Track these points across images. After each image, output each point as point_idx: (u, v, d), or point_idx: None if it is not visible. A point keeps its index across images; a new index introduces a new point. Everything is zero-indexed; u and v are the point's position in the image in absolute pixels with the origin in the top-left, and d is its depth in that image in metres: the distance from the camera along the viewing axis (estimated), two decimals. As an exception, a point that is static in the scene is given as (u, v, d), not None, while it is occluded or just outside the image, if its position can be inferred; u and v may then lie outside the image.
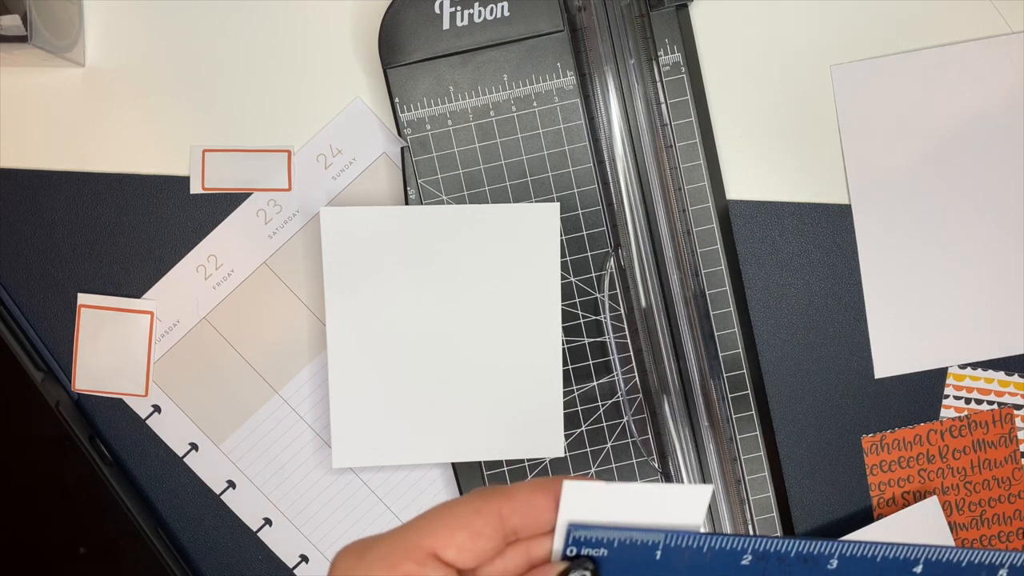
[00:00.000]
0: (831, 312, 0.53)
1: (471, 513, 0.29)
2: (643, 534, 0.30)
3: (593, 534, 0.30)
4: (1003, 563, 0.30)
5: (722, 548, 0.30)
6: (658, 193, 0.51)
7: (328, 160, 0.52)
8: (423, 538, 0.29)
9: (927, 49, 0.52)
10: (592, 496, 0.30)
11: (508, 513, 0.30)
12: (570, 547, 0.30)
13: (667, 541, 0.30)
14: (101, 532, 0.52)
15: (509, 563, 0.31)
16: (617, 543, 0.30)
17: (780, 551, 0.30)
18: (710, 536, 0.30)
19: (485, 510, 0.29)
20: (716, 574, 0.30)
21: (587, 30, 0.50)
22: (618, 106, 0.51)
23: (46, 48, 0.48)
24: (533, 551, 0.31)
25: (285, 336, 0.53)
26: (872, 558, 0.30)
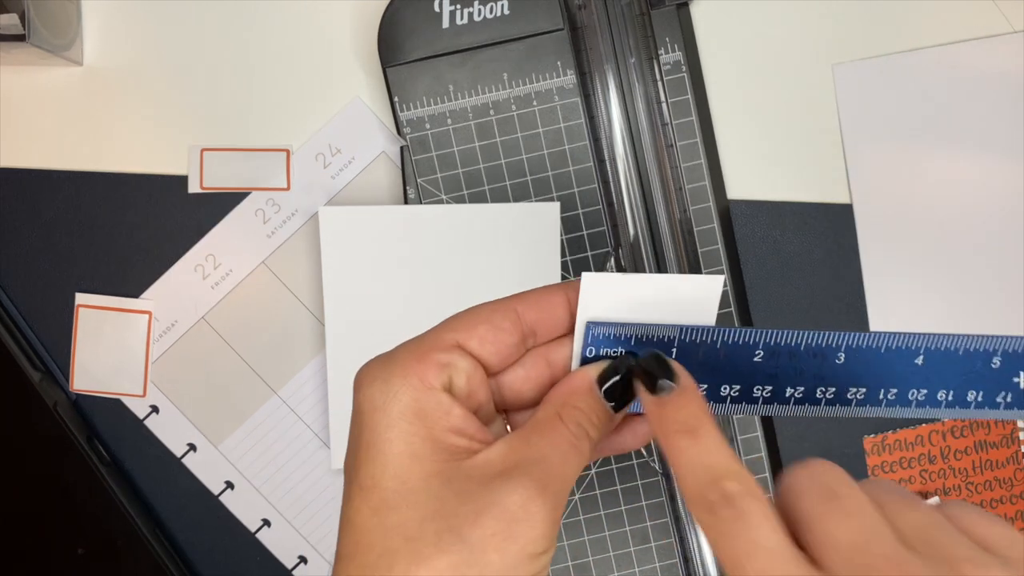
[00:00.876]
0: (832, 312, 0.52)
1: (489, 310, 0.30)
2: (659, 329, 0.30)
3: (611, 330, 0.30)
4: (996, 349, 0.31)
5: (735, 342, 0.30)
6: (659, 192, 0.51)
7: (327, 159, 0.52)
8: (446, 333, 0.30)
9: (929, 48, 0.52)
10: (609, 287, 0.30)
11: (523, 309, 0.31)
12: (589, 347, 0.31)
13: (682, 336, 0.30)
14: (99, 533, 0.51)
15: (531, 370, 0.31)
16: (634, 340, 0.31)
17: (791, 344, 0.30)
18: (723, 330, 0.30)
19: (502, 307, 0.30)
20: (729, 370, 0.31)
21: (587, 28, 0.50)
22: (618, 105, 0.50)
23: (44, 47, 0.48)
24: (552, 357, 0.31)
25: (284, 336, 0.52)
26: (876, 349, 0.31)
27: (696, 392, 0.29)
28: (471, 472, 0.28)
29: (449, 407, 0.29)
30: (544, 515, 0.27)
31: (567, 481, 0.28)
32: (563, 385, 0.30)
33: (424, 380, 0.29)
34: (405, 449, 0.28)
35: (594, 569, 0.52)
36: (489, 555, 0.26)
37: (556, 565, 0.52)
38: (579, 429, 0.29)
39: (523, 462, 0.28)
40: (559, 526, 0.28)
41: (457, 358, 0.29)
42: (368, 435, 0.28)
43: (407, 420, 0.28)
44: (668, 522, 0.52)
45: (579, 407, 0.30)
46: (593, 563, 0.52)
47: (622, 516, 0.52)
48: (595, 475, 0.52)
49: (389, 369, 0.29)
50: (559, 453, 0.28)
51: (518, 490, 0.27)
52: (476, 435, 0.29)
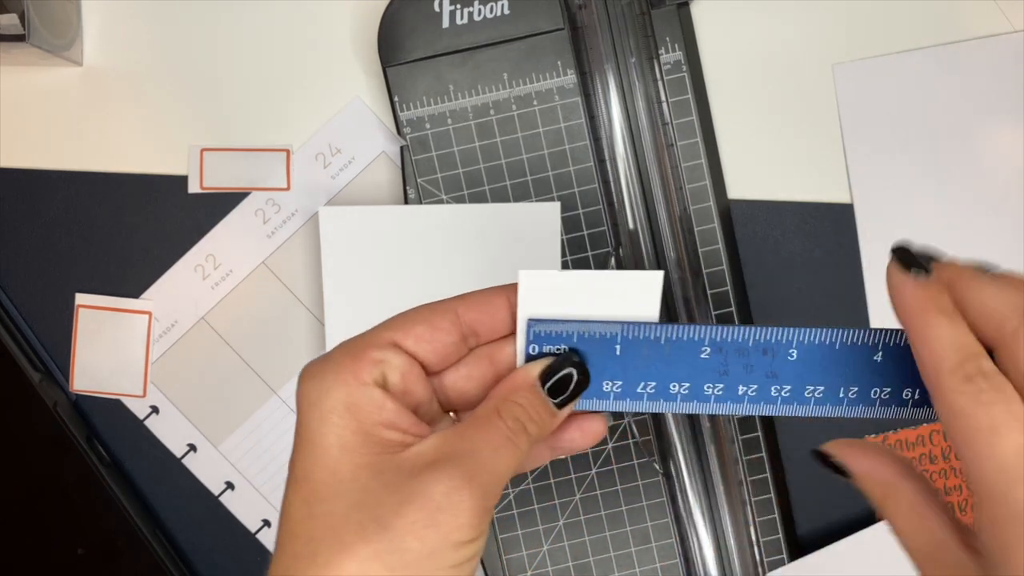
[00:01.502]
0: (833, 312, 0.52)
1: (428, 311, 0.31)
2: (601, 327, 0.30)
3: (553, 328, 0.31)
4: None
5: (679, 339, 0.30)
6: (659, 192, 0.51)
7: (327, 159, 0.52)
8: (383, 332, 0.31)
9: (930, 48, 0.52)
10: (548, 283, 0.30)
11: (463, 310, 0.31)
12: (532, 344, 0.31)
13: (625, 333, 0.30)
14: (99, 533, 0.51)
15: (473, 369, 0.32)
16: (576, 337, 0.31)
17: (738, 341, 0.30)
18: (666, 326, 0.30)
19: (441, 307, 0.31)
20: (676, 367, 0.30)
21: (587, 28, 0.50)
22: (619, 104, 0.50)
23: (44, 47, 0.48)
24: (496, 356, 0.32)
25: (284, 336, 0.52)
26: (831, 345, 0.30)
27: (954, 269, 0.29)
28: (401, 464, 0.28)
29: (381, 402, 0.29)
30: (469, 504, 0.27)
31: (498, 474, 0.29)
32: (505, 383, 0.31)
33: (357, 376, 0.29)
34: (335, 442, 0.29)
35: (595, 569, 0.52)
36: (408, 542, 0.27)
37: (557, 565, 0.52)
38: (516, 424, 0.30)
39: (453, 454, 0.28)
40: (489, 517, 0.29)
41: (391, 355, 0.30)
42: (303, 430, 0.29)
43: (338, 414, 0.29)
44: (669, 522, 0.52)
45: (519, 403, 0.30)
46: (594, 563, 0.52)
47: (623, 516, 0.52)
48: (595, 475, 0.52)
49: (324, 367, 0.30)
50: (491, 446, 0.29)
51: (443, 480, 0.28)
52: (410, 429, 0.29)
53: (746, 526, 0.51)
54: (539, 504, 0.51)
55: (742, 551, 0.51)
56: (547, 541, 0.52)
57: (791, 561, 0.51)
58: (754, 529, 0.51)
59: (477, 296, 0.32)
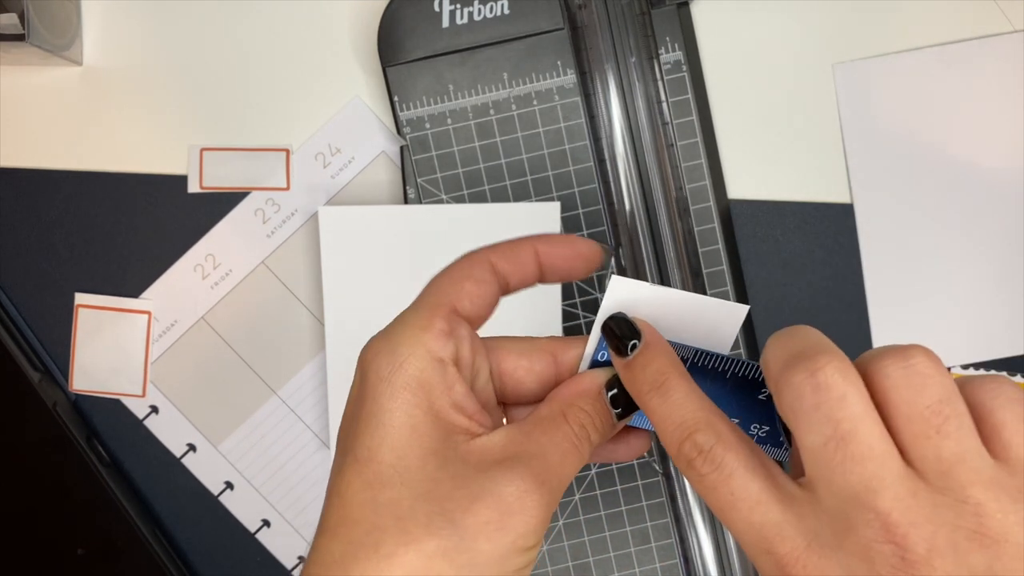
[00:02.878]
0: (833, 312, 0.52)
1: (467, 265, 0.30)
2: (675, 347, 0.30)
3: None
4: None
5: (744, 376, 0.30)
6: (659, 192, 0.51)
7: (327, 159, 0.52)
8: (440, 296, 0.30)
9: (929, 48, 0.52)
10: (635, 294, 0.30)
11: (496, 259, 0.31)
12: (601, 351, 0.30)
13: (695, 359, 0.30)
14: (99, 533, 0.51)
15: (535, 363, 0.31)
16: None
17: None
18: (736, 361, 0.30)
19: (477, 259, 0.31)
20: (732, 402, 0.30)
21: (587, 28, 0.50)
22: (619, 104, 0.50)
23: (44, 47, 0.48)
24: (559, 355, 0.31)
25: (283, 336, 0.52)
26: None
27: (661, 345, 0.29)
28: (468, 456, 0.27)
29: (453, 381, 0.28)
30: (538, 510, 0.27)
31: (564, 479, 0.28)
32: (571, 385, 0.30)
33: (431, 351, 0.28)
34: (407, 421, 0.27)
35: (594, 569, 0.52)
36: (480, 543, 0.26)
37: (557, 565, 0.52)
38: (582, 431, 0.29)
39: (523, 454, 0.28)
40: (549, 524, 0.28)
41: (457, 324, 0.29)
42: (370, 405, 0.28)
43: (411, 391, 0.28)
44: (668, 522, 0.52)
45: (585, 409, 0.29)
46: (593, 563, 0.52)
47: (622, 516, 0.52)
48: (595, 475, 0.51)
49: (395, 340, 0.29)
50: (560, 451, 0.28)
51: (515, 481, 0.27)
52: (476, 416, 0.29)
53: (746, 526, 0.51)
54: (539, 504, 0.51)
55: (742, 551, 0.51)
56: (547, 541, 0.52)
57: (791, 561, 0.51)
58: (754, 529, 0.51)
59: (508, 246, 0.31)
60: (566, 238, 0.31)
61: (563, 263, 0.31)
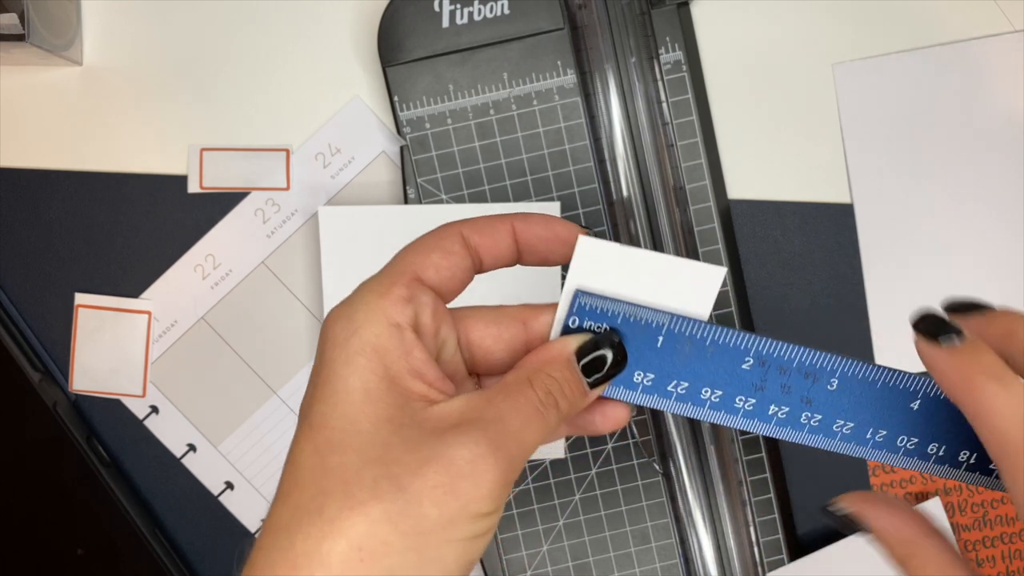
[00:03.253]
0: (833, 312, 0.52)
1: (437, 236, 0.30)
2: (650, 314, 0.29)
3: (600, 304, 0.29)
4: None
5: (725, 343, 0.29)
6: (659, 192, 0.51)
7: (327, 159, 0.52)
8: (403, 264, 0.29)
9: (930, 47, 0.52)
10: (605, 255, 0.29)
11: (468, 233, 0.30)
12: (573, 316, 0.29)
13: (671, 326, 0.29)
14: (99, 533, 0.51)
15: (504, 331, 0.31)
16: (621, 318, 0.29)
17: (783, 359, 0.29)
18: (716, 328, 0.29)
19: (448, 231, 0.30)
20: (713, 372, 0.29)
21: (587, 28, 0.50)
22: (619, 104, 0.50)
23: (43, 47, 0.48)
24: (530, 322, 0.31)
25: (283, 336, 0.52)
26: (872, 383, 0.29)
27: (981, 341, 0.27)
28: (424, 422, 0.27)
29: (411, 346, 0.28)
30: (493, 475, 0.26)
31: (525, 446, 0.27)
32: (539, 352, 0.29)
33: (388, 316, 0.28)
34: (359, 386, 0.27)
35: (595, 569, 0.52)
36: (426, 507, 0.25)
37: (557, 565, 0.52)
38: (548, 397, 0.28)
39: (481, 419, 0.27)
40: (509, 490, 0.27)
41: (418, 291, 0.29)
42: (325, 371, 0.28)
43: (365, 356, 0.27)
44: (669, 522, 0.52)
45: (553, 375, 0.29)
46: (593, 563, 0.52)
47: (623, 516, 0.52)
48: (595, 476, 0.51)
49: (353, 306, 0.28)
50: (521, 416, 0.27)
51: (468, 445, 0.26)
52: (435, 383, 0.28)
53: (746, 526, 0.51)
54: (539, 504, 0.51)
55: (742, 551, 0.51)
56: (547, 541, 0.52)
57: (791, 561, 0.51)
58: (754, 529, 0.51)
59: (482, 221, 0.30)
60: (545, 218, 0.31)
61: (540, 244, 0.31)
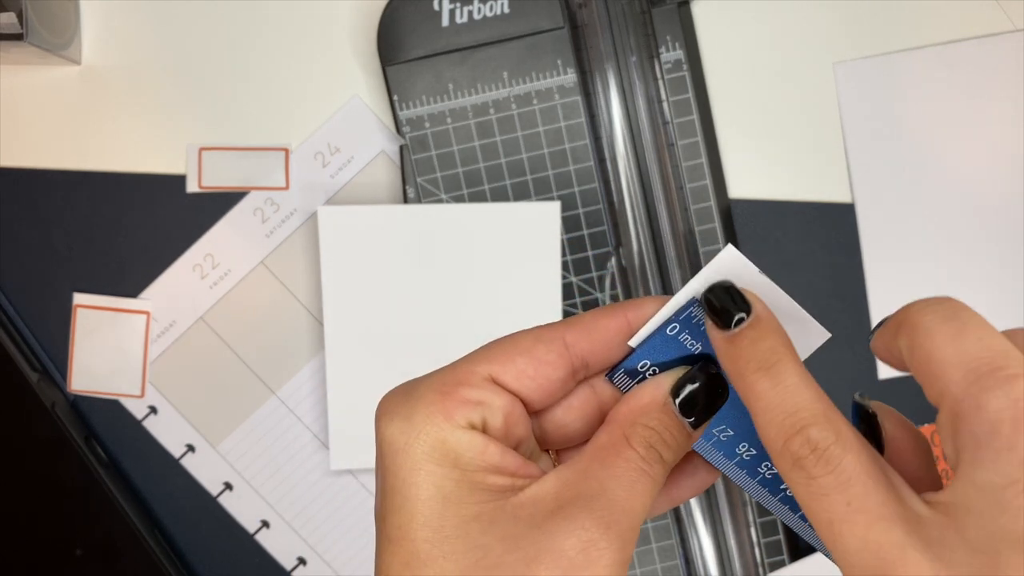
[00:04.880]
0: (834, 312, 0.52)
1: (532, 340, 0.26)
2: None
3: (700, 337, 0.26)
4: None
5: None
6: (660, 191, 0.50)
7: (326, 158, 0.52)
8: (478, 364, 0.26)
9: (931, 47, 0.52)
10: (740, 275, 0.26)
11: (573, 339, 0.26)
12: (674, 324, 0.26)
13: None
14: (97, 534, 0.51)
15: (573, 399, 0.28)
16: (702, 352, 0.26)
17: None
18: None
19: (548, 335, 0.26)
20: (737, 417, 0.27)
21: (588, 27, 0.50)
22: (619, 104, 0.50)
23: (42, 46, 0.47)
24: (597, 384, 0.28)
25: (282, 336, 0.52)
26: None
27: (773, 322, 0.25)
28: (518, 512, 0.24)
29: (483, 446, 0.25)
30: (610, 558, 0.23)
31: (636, 515, 0.24)
32: (629, 401, 0.26)
33: (450, 418, 0.25)
34: (435, 493, 0.24)
35: (595, 570, 0.51)
36: None
37: (556, 566, 0.51)
38: (650, 452, 0.25)
39: (582, 496, 0.24)
40: (627, 567, 0.24)
41: (490, 395, 0.25)
42: (391, 479, 0.25)
43: (434, 462, 0.24)
44: (669, 523, 0.51)
45: (650, 426, 0.25)
46: (594, 564, 0.51)
47: (623, 517, 0.51)
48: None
49: (411, 405, 0.25)
50: (625, 483, 0.24)
51: (576, 532, 0.23)
52: (520, 471, 0.25)
53: (747, 527, 0.51)
54: (539, 505, 0.51)
55: (743, 552, 0.51)
56: (547, 542, 0.51)
57: (792, 562, 0.51)
58: (755, 530, 0.51)
59: (590, 320, 0.27)
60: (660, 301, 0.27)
61: None
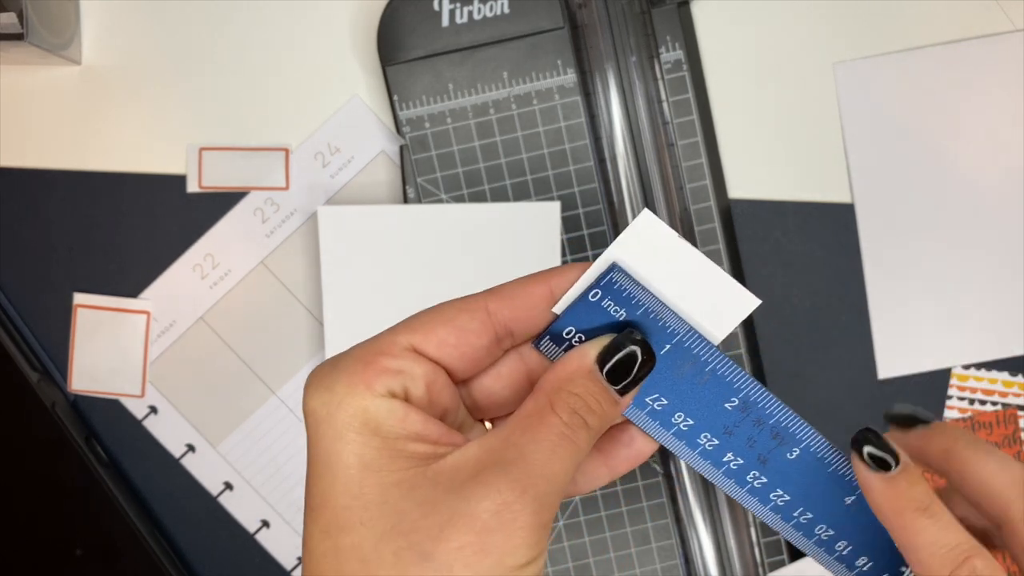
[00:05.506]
0: (834, 312, 0.52)
1: (454, 310, 0.26)
2: (672, 317, 0.27)
3: (628, 287, 0.27)
4: None
5: (723, 375, 0.27)
6: (660, 192, 0.50)
7: (326, 158, 0.52)
8: (400, 335, 0.26)
9: (931, 47, 0.52)
10: (657, 240, 0.26)
11: (496, 306, 0.27)
12: (596, 289, 0.27)
13: (685, 339, 0.27)
14: (97, 534, 0.51)
15: (502, 366, 0.28)
16: (642, 311, 0.27)
17: (764, 411, 0.28)
18: (722, 357, 0.27)
19: (469, 304, 0.26)
20: (696, 401, 0.28)
21: (588, 27, 0.50)
22: (619, 104, 0.50)
23: (42, 46, 0.47)
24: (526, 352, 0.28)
25: (283, 336, 0.52)
26: (826, 464, 0.28)
27: (918, 468, 0.27)
28: (438, 478, 0.24)
29: (404, 414, 0.25)
30: (524, 521, 0.24)
31: (556, 481, 0.25)
32: (557, 368, 0.26)
33: (371, 387, 0.25)
34: (356, 461, 0.25)
35: (595, 570, 0.52)
36: (457, 571, 0.23)
37: (557, 566, 0.52)
38: (574, 418, 0.25)
39: (500, 462, 0.24)
40: (548, 532, 0.25)
41: (411, 364, 0.26)
42: (315, 450, 0.25)
43: (355, 431, 0.25)
44: (669, 523, 0.51)
45: (575, 392, 0.26)
46: (594, 564, 0.51)
47: (623, 517, 0.51)
48: (596, 476, 0.51)
49: (334, 376, 0.26)
50: (546, 447, 0.25)
51: (490, 495, 0.24)
52: (441, 439, 0.26)
53: (746, 526, 0.51)
54: (539, 505, 0.51)
55: (742, 551, 0.51)
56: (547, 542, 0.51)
57: (792, 562, 0.51)
58: (754, 529, 0.51)
59: (512, 288, 0.27)
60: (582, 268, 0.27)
61: None
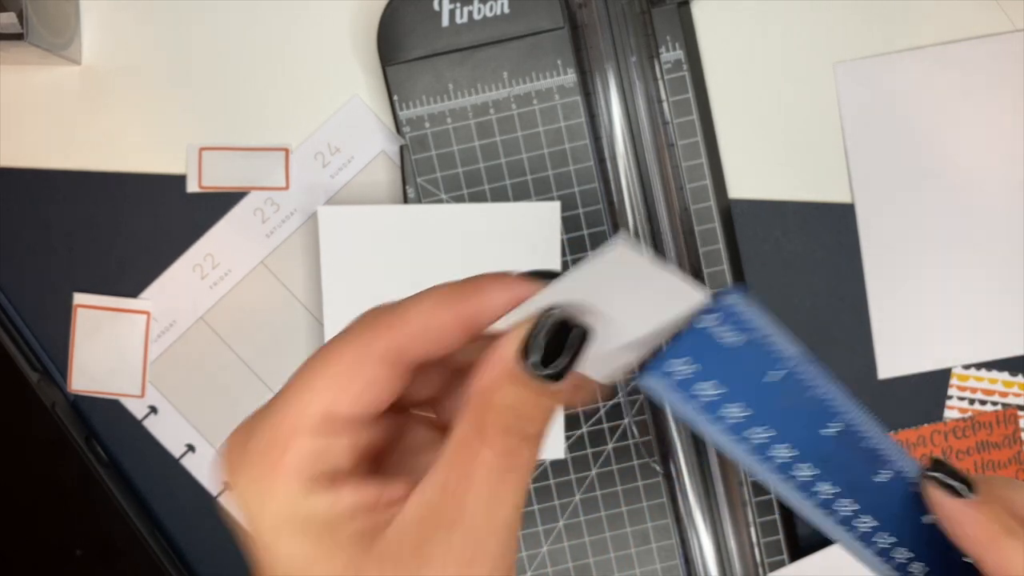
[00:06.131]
0: (834, 312, 0.52)
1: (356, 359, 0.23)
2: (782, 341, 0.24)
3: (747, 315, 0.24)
4: None
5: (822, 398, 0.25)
6: (660, 191, 0.50)
7: (326, 158, 0.52)
8: (308, 405, 0.23)
9: (931, 47, 0.52)
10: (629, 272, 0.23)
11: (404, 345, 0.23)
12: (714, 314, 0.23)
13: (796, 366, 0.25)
14: (97, 534, 0.51)
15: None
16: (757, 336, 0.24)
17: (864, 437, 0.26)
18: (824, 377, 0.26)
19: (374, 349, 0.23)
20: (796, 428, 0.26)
21: (588, 27, 0.50)
22: (619, 104, 0.50)
23: (42, 46, 0.47)
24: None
25: (283, 336, 0.52)
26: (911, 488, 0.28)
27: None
28: (383, 557, 0.22)
29: (335, 498, 0.23)
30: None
31: (506, 525, 0.23)
32: (481, 376, 0.23)
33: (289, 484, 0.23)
34: (299, 561, 0.23)
35: (595, 570, 0.52)
36: None
37: (557, 566, 0.52)
38: (509, 440, 0.23)
39: (442, 525, 0.22)
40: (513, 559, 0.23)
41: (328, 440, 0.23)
42: (254, 543, 0.24)
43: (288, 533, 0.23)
44: (669, 523, 0.51)
45: (505, 404, 0.23)
46: (594, 564, 0.51)
47: (623, 517, 0.51)
48: (595, 476, 0.51)
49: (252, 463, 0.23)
50: (485, 493, 0.22)
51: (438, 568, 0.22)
52: (381, 498, 0.23)
53: (747, 527, 0.51)
54: (539, 505, 0.51)
55: (743, 552, 0.51)
56: (547, 542, 0.51)
57: (792, 562, 0.51)
58: (755, 530, 0.51)
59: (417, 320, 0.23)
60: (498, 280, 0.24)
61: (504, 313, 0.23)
